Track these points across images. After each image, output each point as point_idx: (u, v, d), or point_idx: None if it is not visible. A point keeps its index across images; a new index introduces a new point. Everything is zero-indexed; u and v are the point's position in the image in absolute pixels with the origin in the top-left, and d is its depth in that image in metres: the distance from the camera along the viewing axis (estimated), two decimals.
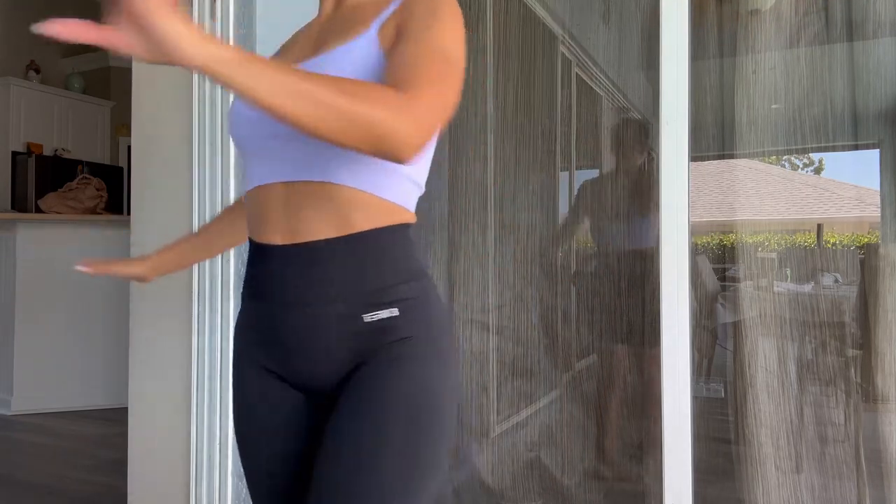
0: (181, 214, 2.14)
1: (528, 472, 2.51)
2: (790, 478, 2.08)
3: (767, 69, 2.17)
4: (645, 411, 2.46)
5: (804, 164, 2.71)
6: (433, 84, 0.80)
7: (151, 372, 2.20)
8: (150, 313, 2.22)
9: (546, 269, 2.71)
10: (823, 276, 2.33)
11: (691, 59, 1.80)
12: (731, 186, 2.43)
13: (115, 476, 2.97)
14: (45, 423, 3.96)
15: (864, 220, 2.57)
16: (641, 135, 2.60)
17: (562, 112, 2.79)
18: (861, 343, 2.18)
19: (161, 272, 1.25)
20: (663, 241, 1.80)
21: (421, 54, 0.84)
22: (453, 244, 2.59)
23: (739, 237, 2.31)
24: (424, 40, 0.85)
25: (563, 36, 2.77)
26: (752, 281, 2.24)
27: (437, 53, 0.84)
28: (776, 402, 2.10)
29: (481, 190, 2.61)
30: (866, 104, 2.20)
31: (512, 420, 2.62)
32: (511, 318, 2.65)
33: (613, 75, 2.76)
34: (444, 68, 0.83)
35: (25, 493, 2.86)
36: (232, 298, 2.04)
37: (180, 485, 2.12)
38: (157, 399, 2.19)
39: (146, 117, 2.23)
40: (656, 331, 1.82)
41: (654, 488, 2.15)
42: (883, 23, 2.07)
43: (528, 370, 2.64)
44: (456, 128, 2.59)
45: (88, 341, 4.32)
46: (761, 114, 2.18)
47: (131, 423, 2.24)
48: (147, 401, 2.21)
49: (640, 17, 2.50)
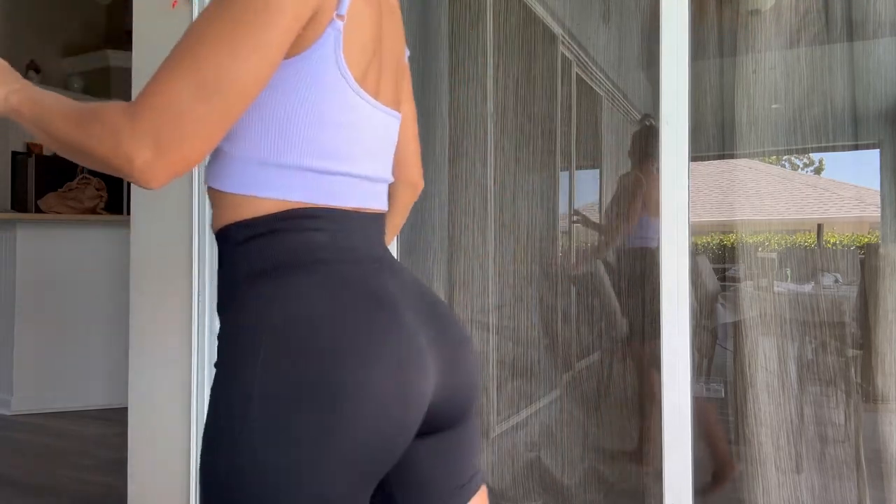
0: (181, 214, 2.14)
1: (528, 472, 2.51)
2: (790, 478, 2.08)
3: (767, 69, 2.17)
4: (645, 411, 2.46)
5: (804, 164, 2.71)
6: (161, 87, 0.69)
7: (151, 371, 2.20)
8: (150, 313, 2.22)
9: (546, 269, 2.71)
10: (823, 276, 2.33)
11: (691, 59, 1.80)
12: (731, 186, 2.43)
13: (115, 476, 2.97)
14: (45, 423, 3.96)
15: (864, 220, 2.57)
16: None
17: (562, 112, 2.79)
18: (861, 343, 2.18)
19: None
20: (663, 240, 1.80)
21: (178, 41, 0.72)
22: (453, 244, 2.59)
23: (739, 237, 2.31)
24: (197, 18, 0.74)
25: (563, 36, 2.77)
26: (752, 281, 2.24)
27: (189, 32, 0.72)
28: (776, 402, 2.10)
29: (481, 190, 2.61)
30: (866, 104, 2.20)
31: (512, 420, 2.62)
32: (511, 318, 2.65)
33: (613, 75, 2.76)
34: (184, 59, 0.70)
35: (25, 493, 2.86)
36: None
37: (180, 485, 2.12)
38: (157, 399, 2.18)
39: None
40: (656, 331, 1.82)
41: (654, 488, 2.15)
42: (883, 23, 2.07)
43: (528, 370, 2.64)
44: (456, 127, 2.60)
45: (88, 341, 4.32)
46: (761, 114, 2.18)
47: (131, 423, 2.24)
48: (147, 401, 2.21)
49: (640, 17, 2.50)
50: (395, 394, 0.75)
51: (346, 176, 0.84)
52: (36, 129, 0.78)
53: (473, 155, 2.61)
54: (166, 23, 2.18)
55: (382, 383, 0.74)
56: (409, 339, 0.79)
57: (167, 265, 2.18)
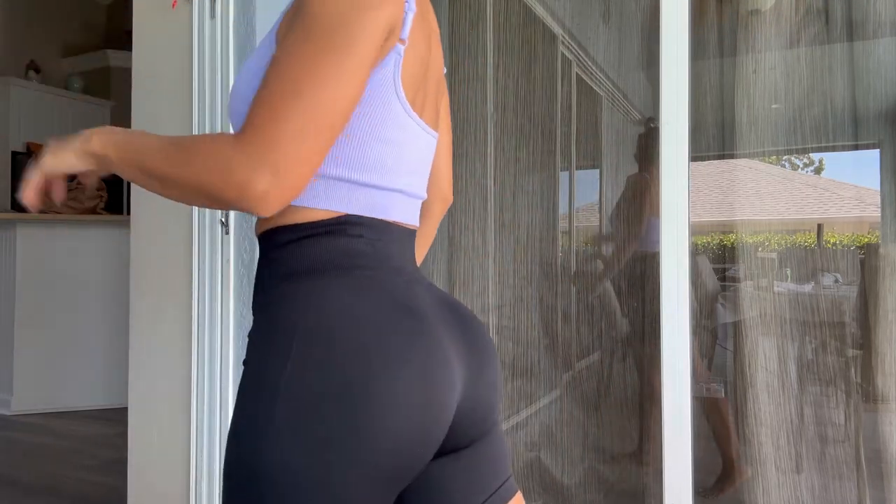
0: (181, 214, 2.14)
1: (528, 472, 2.51)
2: (790, 478, 2.08)
3: (767, 69, 2.17)
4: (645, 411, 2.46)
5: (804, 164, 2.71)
6: (273, 115, 0.70)
7: (151, 372, 2.20)
8: (150, 313, 2.22)
9: (546, 269, 2.71)
10: (823, 276, 2.33)
11: (691, 59, 1.80)
12: (731, 186, 2.43)
13: (115, 476, 2.97)
14: (45, 423, 3.96)
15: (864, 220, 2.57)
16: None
17: (562, 112, 2.79)
18: (861, 343, 2.18)
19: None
20: (663, 240, 1.80)
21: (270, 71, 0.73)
22: (453, 244, 2.59)
23: (739, 237, 2.31)
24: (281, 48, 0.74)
25: (563, 36, 2.77)
26: (752, 281, 2.24)
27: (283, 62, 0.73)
28: (776, 402, 2.10)
29: (481, 189, 2.61)
30: (866, 104, 2.20)
31: (512, 420, 2.62)
32: (511, 318, 2.65)
33: (613, 75, 2.76)
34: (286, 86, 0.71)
35: (25, 493, 2.86)
36: (232, 298, 2.04)
37: (180, 485, 2.12)
38: (157, 399, 2.19)
39: (146, 117, 2.22)
40: (656, 331, 1.82)
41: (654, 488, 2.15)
42: (883, 23, 2.07)
43: (528, 370, 2.64)
44: (456, 127, 2.60)
45: (88, 341, 4.32)
46: (761, 114, 2.18)
47: (131, 423, 2.24)
48: (147, 401, 2.21)
49: (640, 17, 2.50)
50: (421, 402, 0.76)
51: (389, 191, 0.86)
52: (130, 170, 0.77)
53: (473, 155, 2.61)
54: (166, 23, 2.18)
55: (409, 390, 0.75)
56: (438, 349, 0.80)
57: (167, 265, 2.18)
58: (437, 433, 0.79)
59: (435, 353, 0.79)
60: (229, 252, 2.04)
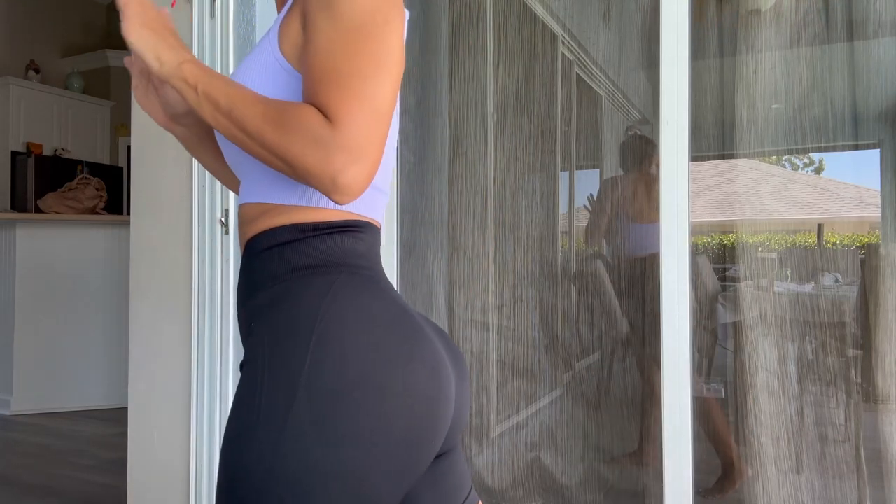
0: (181, 214, 2.14)
1: (528, 473, 2.51)
2: (790, 478, 2.08)
3: (767, 69, 2.17)
4: (645, 411, 2.46)
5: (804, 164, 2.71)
6: (361, 100, 0.69)
7: (151, 372, 2.20)
8: (150, 313, 2.22)
9: (546, 269, 2.71)
10: (824, 276, 2.32)
11: (691, 59, 1.80)
12: (731, 186, 2.42)
13: (115, 476, 2.97)
14: (45, 423, 3.96)
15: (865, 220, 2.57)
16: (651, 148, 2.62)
17: (562, 112, 2.79)
18: (861, 343, 2.18)
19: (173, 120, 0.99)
20: (663, 240, 1.80)
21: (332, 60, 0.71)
22: (453, 244, 2.59)
23: (739, 237, 2.31)
24: (328, 37, 0.72)
25: (563, 36, 2.77)
26: (752, 281, 2.24)
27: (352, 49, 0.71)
28: (776, 402, 2.10)
29: (481, 189, 2.61)
30: (866, 104, 2.20)
31: (512, 420, 2.62)
32: (511, 318, 2.65)
33: (613, 75, 2.76)
34: (366, 68, 0.71)
35: (25, 493, 2.86)
36: (232, 298, 2.04)
37: (180, 485, 2.12)
38: (157, 399, 2.18)
39: (146, 117, 2.22)
40: (656, 331, 1.82)
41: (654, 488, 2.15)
42: (883, 23, 2.07)
43: (528, 370, 2.64)
44: (456, 127, 2.59)
45: (88, 341, 4.32)
46: (761, 114, 2.18)
47: (131, 423, 2.24)
48: (147, 401, 2.21)
49: (640, 17, 2.50)
50: (434, 396, 0.77)
51: (380, 191, 0.88)
52: (214, 114, 0.73)
53: (473, 155, 2.61)
54: None
55: (423, 384, 0.76)
56: (437, 349, 0.81)
57: (167, 265, 2.18)
58: (445, 427, 0.80)
59: (436, 351, 0.80)
60: (229, 252, 2.04)
